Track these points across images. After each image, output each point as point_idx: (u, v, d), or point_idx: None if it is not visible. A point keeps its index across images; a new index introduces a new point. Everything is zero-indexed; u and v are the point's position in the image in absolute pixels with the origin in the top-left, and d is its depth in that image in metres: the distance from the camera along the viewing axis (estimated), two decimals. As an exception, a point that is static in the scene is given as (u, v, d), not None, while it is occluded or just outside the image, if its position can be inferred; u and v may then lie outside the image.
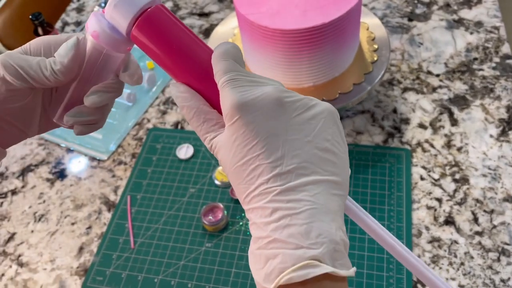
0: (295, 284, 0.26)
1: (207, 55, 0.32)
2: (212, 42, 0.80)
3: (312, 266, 0.26)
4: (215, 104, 0.32)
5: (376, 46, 0.74)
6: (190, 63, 0.32)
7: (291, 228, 0.27)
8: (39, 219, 0.75)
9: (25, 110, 0.36)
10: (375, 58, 0.72)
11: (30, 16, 0.92)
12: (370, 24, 0.78)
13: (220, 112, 0.32)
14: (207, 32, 1.00)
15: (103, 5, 1.11)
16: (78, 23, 1.09)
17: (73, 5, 1.15)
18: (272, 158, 0.28)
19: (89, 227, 0.73)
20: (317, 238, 0.27)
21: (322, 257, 0.26)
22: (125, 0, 0.32)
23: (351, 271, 0.28)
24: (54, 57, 0.34)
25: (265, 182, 0.28)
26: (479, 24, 0.91)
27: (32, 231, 0.74)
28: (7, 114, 0.36)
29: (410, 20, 0.95)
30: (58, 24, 1.10)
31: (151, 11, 0.32)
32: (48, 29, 0.94)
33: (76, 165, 0.81)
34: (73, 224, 0.73)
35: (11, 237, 0.73)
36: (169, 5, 1.08)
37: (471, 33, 0.90)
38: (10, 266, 0.70)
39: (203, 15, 1.05)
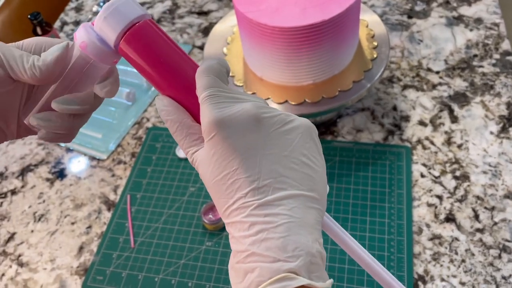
0: None
1: (192, 70, 0.33)
2: (211, 40, 0.80)
3: (288, 279, 0.27)
4: (198, 119, 0.32)
5: (375, 44, 0.74)
6: (176, 77, 0.32)
7: (268, 242, 0.28)
8: (39, 219, 0.75)
9: (3, 103, 0.36)
10: (375, 56, 0.72)
11: (29, 16, 0.92)
12: (370, 21, 0.77)
13: None
14: (206, 31, 1.00)
15: (101, 4, 1.11)
16: (77, 23, 1.09)
17: (71, 5, 1.14)
18: (249, 173, 0.29)
19: (89, 227, 0.73)
20: (294, 251, 0.27)
21: (299, 269, 0.27)
22: (115, 13, 0.32)
23: (328, 283, 0.28)
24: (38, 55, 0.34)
25: (243, 197, 0.29)
26: (478, 20, 0.91)
27: (32, 231, 0.73)
28: None
29: (409, 17, 0.94)
30: (57, 24, 1.10)
31: (140, 25, 0.33)
32: (47, 29, 0.94)
33: (76, 164, 0.81)
34: (73, 223, 0.73)
35: (11, 237, 0.73)
36: (167, 4, 1.08)
37: (471, 30, 0.90)
38: (10, 266, 0.70)
39: (202, 13, 1.04)
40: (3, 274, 0.69)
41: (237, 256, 0.29)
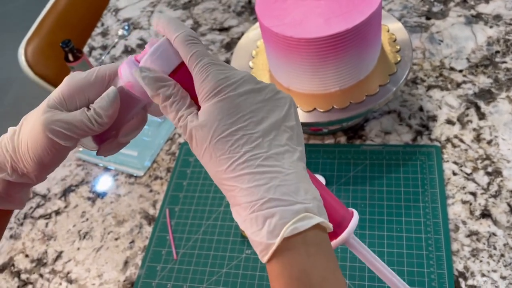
0: (297, 239, 0.30)
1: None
2: (236, 56, 0.83)
3: (308, 217, 0.30)
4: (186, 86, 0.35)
5: (398, 47, 0.75)
6: None
7: (283, 188, 0.31)
8: (84, 237, 0.78)
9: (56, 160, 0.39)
10: (398, 59, 0.74)
11: (61, 44, 0.96)
12: (390, 25, 0.79)
13: (193, 95, 0.35)
14: (229, 46, 1.03)
15: (126, 28, 1.16)
16: (104, 47, 1.14)
17: (97, 30, 1.19)
18: (256, 129, 0.32)
19: (132, 241, 0.75)
20: (306, 195, 0.31)
21: (314, 210, 0.31)
22: (160, 56, 0.35)
23: (331, 226, 0.32)
24: (92, 108, 0.37)
25: (250, 150, 0.31)
26: (497, 17, 0.92)
27: (78, 249, 0.77)
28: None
29: (428, 18, 0.96)
30: (85, 49, 1.15)
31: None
32: (78, 55, 0.98)
33: (114, 182, 0.84)
34: (116, 239, 0.76)
35: (59, 256, 0.77)
36: (189, 22, 1.12)
37: (491, 27, 0.91)
38: (60, 284, 0.73)
39: (223, 30, 1.08)
40: (54, 291, 0.72)
41: (250, 207, 0.31)
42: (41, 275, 0.75)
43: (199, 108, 0.34)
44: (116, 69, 0.38)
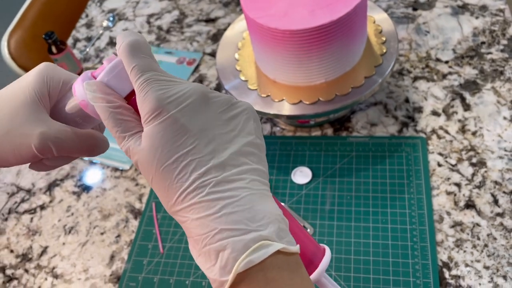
0: (254, 268, 0.27)
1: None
2: (221, 47, 0.82)
3: (265, 246, 0.27)
4: (131, 105, 0.31)
5: (384, 39, 0.75)
6: None
7: (235, 215, 0.27)
8: (69, 231, 0.77)
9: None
10: (384, 51, 0.73)
11: (44, 36, 0.95)
12: (376, 17, 0.79)
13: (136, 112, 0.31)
14: (215, 37, 1.02)
15: (111, 19, 1.14)
16: (88, 39, 1.12)
17: (82, 21, 1.17)
18: (204, 152, 0.28)
19: (118, 236, 0.75)
20: (262, 219, 0.28)
21: (271, 236, 0.27)
22: (117, 75, 0.31)
23: (297, 248, 0.29)
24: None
25: (200, 176, 0.28)
26: (483, 8, 0.92)
27: (64, 243, 0.76)
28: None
29: (414, 9, 0.96)
30: (70, 41, 1.13)
31: None
32: (61, 47, 0.97)
33: (100, 176, 0.83)
34: (102, 233, 0.76)
35: (44, 251, 0.76)
36: (175, 13, 1.11)
37: (477, 18, 0.91)
38: (46, 279, 0.73)
39: (209, 20, 1.06)
40: (39, 287, 0.72)
41: (202, 240, 0.27)
42: (26, 271, 0.74)
43: None
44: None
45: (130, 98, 0.32)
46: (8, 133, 0.33)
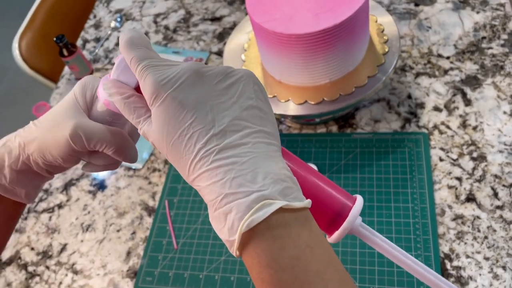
0: (260, 226, 0.28)
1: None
2: (228, 49, 0.85)
3: (266, 205, 0.28)
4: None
5: (386, 38, 0.77)
6: None
7: (238, 179, 0.29)
8: (87, 229, 0.81)
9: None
10: (386, 50, 0.76)
11: (55, 39, 0.97)
12: (378, 15, 0.81)
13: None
14: (221, 36, 1.04)
15: (118, 19, 1.16)
16: (97, 39, 1.15)
17: (90, 22, 1.20)
18: (204, 123, 0.30)
19: (134, 233, 0.79)
20: (265, 180, 0.29)
21: (274, 195, 0.29)
22: (124, 70, 0.35)
23: (306, 202, 0.30)
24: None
25: (203, 147, 0.30)
26: (484, 2, 0.93)
27: (82, 241, 0.80)
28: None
29: (416, 5, 0.97)
30: (79, 42, 1.16)
31: None
32: (72, 49, 0.99)
33: (114, 176, 0.87)
34: (118, 231, 0.79)
35: (63, 248, 0.80)
36: (181, 13, 1.13)
37: (478, 13, 0.92)
38: (66, 275, 0.76)
39: (215, 19, 1.09)
40: (60, 283, 0.76)
41: (213, 205, 0.29)
42: (47, 267, 0.78)
43: None
44: None
45: (138, 89, 0.35)
46: (52, 128, 0.38)
